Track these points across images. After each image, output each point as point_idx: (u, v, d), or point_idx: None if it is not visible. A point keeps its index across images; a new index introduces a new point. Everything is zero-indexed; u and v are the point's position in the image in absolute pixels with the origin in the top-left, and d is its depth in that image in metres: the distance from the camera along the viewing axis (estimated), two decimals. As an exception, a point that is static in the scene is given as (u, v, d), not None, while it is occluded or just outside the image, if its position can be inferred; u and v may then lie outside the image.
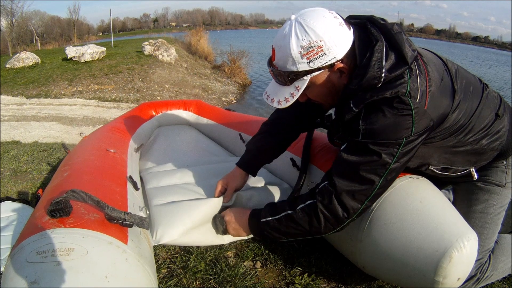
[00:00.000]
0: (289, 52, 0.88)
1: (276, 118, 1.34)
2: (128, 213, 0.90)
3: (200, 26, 16.97)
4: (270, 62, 0.97)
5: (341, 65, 0.90)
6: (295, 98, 0.95)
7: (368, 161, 0.90)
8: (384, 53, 0.87)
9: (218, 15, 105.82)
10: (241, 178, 1.29)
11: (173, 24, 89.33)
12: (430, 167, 1.09)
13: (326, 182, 0.99)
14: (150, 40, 10.33)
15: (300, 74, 0.91)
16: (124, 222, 0.87)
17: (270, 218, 1.05)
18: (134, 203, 1.13)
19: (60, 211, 0.80)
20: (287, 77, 0.92)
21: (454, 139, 1.02)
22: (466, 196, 1.19)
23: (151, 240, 1.04)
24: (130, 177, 1.32)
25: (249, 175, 1.33)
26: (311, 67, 0.89)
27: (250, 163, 1.32)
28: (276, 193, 1.37)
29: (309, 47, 0.86)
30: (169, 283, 1.18)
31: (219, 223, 1.17)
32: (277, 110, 1.34)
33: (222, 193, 1.27)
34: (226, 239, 1.21)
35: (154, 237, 1.06)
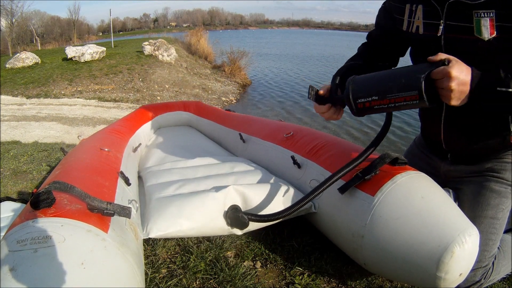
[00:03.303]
0: None
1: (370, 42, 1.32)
2: (110, 203, 0.91)
3: (200, 26, 16.99)
4: None
5: None
6: None
7: None
8: None
9: (218, 15, 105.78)
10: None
11: (173, 24, 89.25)
12: None
13: None
14: (150, 40, 10.33)
15: None
16: (105, 211, 0.88)
17: None
18: (123, 196, 1.15)
19: (43, 202, 0.82)
20: None
21: None
22: (475, 199, 1.14)
23: (139, 233, 1.06)
24: (122, 172, 1.34)
25: None
26: None
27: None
28: (276, 192, 1.37)
29: None
30: (169, 283, 1.18)
31: (241, 218, 1.17)
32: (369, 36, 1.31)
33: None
34: (221, 231, 1.23)
35: (144, 231, 1.09)
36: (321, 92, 1.12)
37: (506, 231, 1.29)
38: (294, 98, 8.60)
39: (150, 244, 1.37)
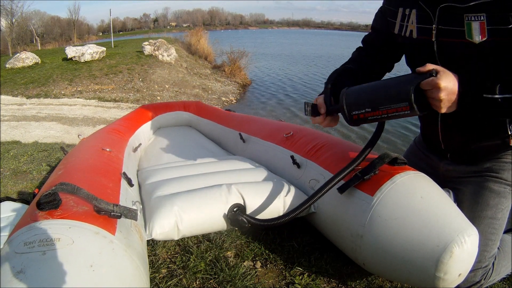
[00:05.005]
0: None
1: (365, 47, 1.31)
2: (117, 205, 0.91)
3: (200, 26, 17.02)
4: None
5: None
6: None
7: None
8: None
9: (218, 15, 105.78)
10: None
11: (173, 24, 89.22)
12: None
13: None
14: (150, 40, 10.33)
15: None
16: (112, 213, 0.88)
17: (500, 96, 0.85)
18: (127, 197, 1.15)
19: (49, 204, 0.81)
20: None
21: None
22: (474, 199, 1.13)
23: (143, 234, 1.06)
24: (124, 173, 1.34)
25: None
26: None
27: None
28: (277, 190, 1.37)
29: None
30: (169, 283, 1.18)
31: (241, 221, 1.19)
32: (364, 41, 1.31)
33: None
34: (222, 227, 1.25)
35: (147, 231, 1.10)
36: (321, 110, 1.14)
37: (506, 231, 1.29)
38: (294, 97, 8.61)
39: (150, 244, 1.37)
